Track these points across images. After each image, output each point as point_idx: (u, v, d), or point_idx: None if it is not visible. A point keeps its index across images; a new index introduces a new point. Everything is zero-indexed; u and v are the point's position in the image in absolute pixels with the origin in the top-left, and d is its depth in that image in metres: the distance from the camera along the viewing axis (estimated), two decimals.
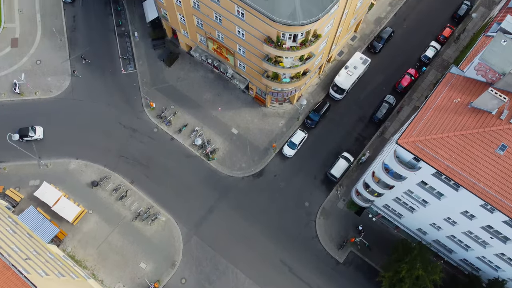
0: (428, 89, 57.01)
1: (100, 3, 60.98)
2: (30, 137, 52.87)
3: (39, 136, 53.36)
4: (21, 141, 52.88)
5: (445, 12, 61.30)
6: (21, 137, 52.67)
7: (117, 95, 56.57)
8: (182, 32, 54.11)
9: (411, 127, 33.35)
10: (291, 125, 55.50)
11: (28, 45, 58.58)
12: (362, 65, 55.53)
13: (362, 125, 55.63)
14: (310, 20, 37.17)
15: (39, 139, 53.68)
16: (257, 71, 49.03)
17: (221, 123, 55.42)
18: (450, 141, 32.14)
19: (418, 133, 32.85)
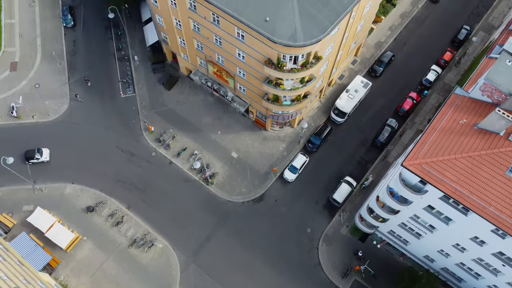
0: (430, 113, 56.34)
1: (101, 27, 61.20)
2: (36, 159, 51.90)
3: (46, 158, 52.41)
4: (27, 164, 51.98)
5: (444, 36, 61.44)
6: (27, 159, 51.87)
7: (115, 118, 55.85)
8: (182, 55, 53.94)
9: (417, 148, 32.30)
10: (292, 149, 54.50)
11: (27, 69, 58.34)
12: (363, 88, 55.08)
13: (364, 149, 54.62)
14: (311, 41, 36.79)
15: (45, 161, 52.67)
16: (258, 94, 48.47)
17: (221, 147, 54.45)
18: (458, 163, 31.01)
19: (424, 155, 31.76)
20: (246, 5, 37.75)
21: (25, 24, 61.23)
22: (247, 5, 37.75)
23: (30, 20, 61.53)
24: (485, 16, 62.97)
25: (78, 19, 61.72)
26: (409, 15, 62.91)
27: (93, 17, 61.82)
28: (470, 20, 62.63)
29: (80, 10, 62.38)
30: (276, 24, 37.09)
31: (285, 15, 37.19)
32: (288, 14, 37.16)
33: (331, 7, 37.87)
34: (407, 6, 63.52)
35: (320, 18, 37.44)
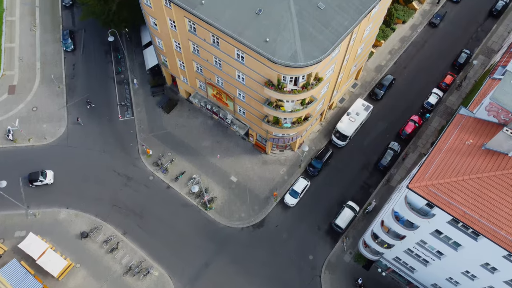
0: (433, 136, 55.45)
1: (101, 51, 61.19)
2: (40, 181, 50.84)
3: (50, 180, 51.37)
4: (31, 187, 50.98)
5: (444, 60, 61.36)
6: (30, 182, 50.83)
7: (113, 142, 54.91)
8: (181, 78, 53.57)
9: (423, 170, 31.16)
10: (293, 173, 53.28)
11: (25, 92, 57.91)
12: (365, 111, 54.43)
13: (366, 172, 53.40)
14: (311, 62, 36.27)
15: (49, 184, 51.52)
16: (257, 116, 47.72)
17: (220, 171, 53.24)
18: (466, 185, 29.80)
19: (431, 177, 30.59)
20: (246, 26, 37.48)
21: (25, 48, 61.31)
22: (247, 26, 37.48)
23: (30, 44, 61.66)
24: (484, 40, 63.12)
25: (78, 43, 61.82)
26: (408, 39, 63.07)
27: (93, 41, 61.94)
28: (469, 44, 62.74)
29: (81, 34, 62.60)
30: (276, 45, 36.69)
31: (285, 36, 36.86)
32: (288, 35, 36.83)
33: (332, 28, 37.58)
34: (406, 31, 63.78)
35: (321, 39, 37.08)
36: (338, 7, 38.46)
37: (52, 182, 51.58)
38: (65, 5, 65.01)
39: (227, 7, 38.28)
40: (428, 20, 64.70)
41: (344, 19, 38.19)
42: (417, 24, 64.51)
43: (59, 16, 64.34)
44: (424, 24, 64.42)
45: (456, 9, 66.10)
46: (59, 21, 63.85)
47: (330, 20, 37.82)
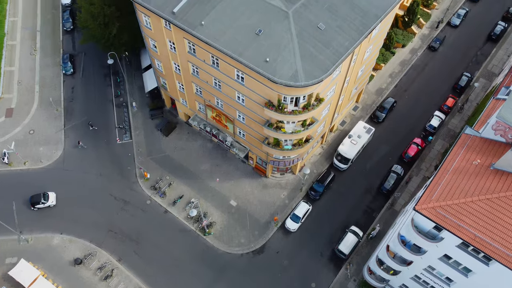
0: (436, 159, 54.44)
1: (100, 74, 61.02)
2: (42, 203, 49.72)
3: (52, 202, 50.26)
4: (33, 210, 49.91)
5: (445, 83, 61.11)
6: (32, 204, 49.71)
7: (110, 165, 53.84)
8: (180, 101, 53.07)
9: (429, 191, 29.98)
10: (294, 197, 51.92)
11: (23, 115, 57.31)
12: (366, 134, 53.63)
13: (369, 196, 52.05)
14: (312, 81, 35.71)
15: (52, 206, 50.35)
16: (258, 138, 46.86)
17: (219, 195, 51.90)
18: (475, 207, 28.55)
19: (438, 198, 29.38)
20: (246, 46, 37.16)
21: (24, 72, 61.20)
22: (247, 46, 37.16)
23: (30, 68, 61.58)
24: (484, 63, 63.10)
25: (78, 67, 61.76)
26: (408, 62, 63.05)
27: (93, 65, 61.90)
28: (470, 67, 62.68)
29: (81, 58, 62.64)
30: (276, 65, 36.24)
31: (285, 56, 36.47)
32: (289, 55, 36.45)
33: (333, 48, 37.24)
34: (406, 54, 63.86)
35: (322, 59, 36.67)
36: (339, 28, 38.28)
37: (54, 204, 50.45)
38: (66, 30, 65.41)
39: (227, 28, 38.11)
40: (428, 44, 64.91)
41: (344, 39, 37.93)
42: (416, 48, 64.68)
43: (59, 40, 64.62)
44: (424, 48, 64.59)
45: (455, 33, 66.46)
46: (59, 45, 64.06)
47: (330, 41, 37.54)
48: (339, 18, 38.69)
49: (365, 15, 39.39)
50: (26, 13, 67.39)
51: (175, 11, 39.20)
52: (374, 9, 39.87)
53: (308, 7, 38.35)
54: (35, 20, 66.77)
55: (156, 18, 42.04)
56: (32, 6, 68.25)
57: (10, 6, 67.86)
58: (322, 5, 38.79)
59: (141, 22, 44.85)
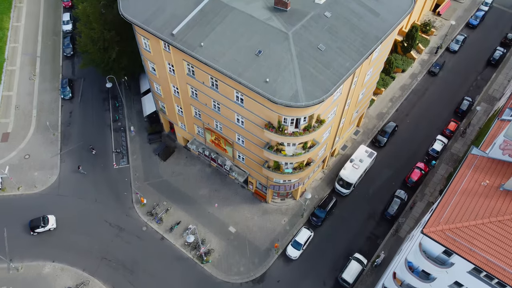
0: (440, 184, 53.15)
1: (99, 99, 60.61)
2: (42, 227, 48.32)
3: (52, 225, 48.88)
4: (32, 235, 48.33)
5: (446, 107, 60.65)
6: (32, 229, 48.24)
7: (106, 190, 52.48)
8: (179, 124, 52.34)
9: (437, 213, 28.66)
10: (295, 223, 50.28)
11: (18, 140, 56.44)
12: (368, 158, 52.58)
13: (373, 222, 50.42)
14: (313, 101, 34.96)
15: (52, 229, 48.86)
16: (257, 162, 45.77)
17: (218, 221, 50.27)
18: (487, 229, 27.17)
19: (447, 220, 28.03)
20: (245, 67, 36.69)
21: (22, 96, 60.87)
22: (246, 67, 36.68)
23: (28, 93, 61.29)
24: (485, 88, 62.91)
25: (77, 91, 61.47)
26: (409, 87, 62.83)
27: (92, 89, 61.65)
28: (470, 92, 62.43)
29: (80, 83, 62.46)
30: (276, 85, 35.63)
31: (285, 77, 35.92)
32: (289, 75, 35.92)
33: (333, 69, 36.76)
34: (406, 79, 63.75)
35: (322, 79, 36.11)
36: (339, 49, 37.95)
37: (55, 227, 49.02)
38: (66, 55, 65.58)
39: (227, 49, 37.77)
40: (427, 69, 64.95)
41: (345, 60, 37.52)
42: (416, 73, 64.66)
43: (59, 65, 64.69)
44: (424, 73, 64.56)
45: (454, 59, 66.67)
46: (59, 70, 64.07)
47: (331, 61, 37.12)
48: (339, 40, 38.45)
49: (365, 37, 39.18)
50: (27, 39, 67.80)
51: (174, 33, 39.02)
52: (374, 30, 39.73)
53: (308, 29, 38.17)
54: (35, 46, 67.08)
55: (155, 40, 41.87)
56: (33, 33, 68.76)
57: (11, 32, 68.38)
58: (322, 27, 38.63)
59: (140, 45, 44.71)
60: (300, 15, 38.95)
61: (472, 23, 70.51)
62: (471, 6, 73.84)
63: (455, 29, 69.94)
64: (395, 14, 41.58)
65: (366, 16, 40.44)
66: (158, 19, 40.44)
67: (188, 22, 39.46)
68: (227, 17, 39.11)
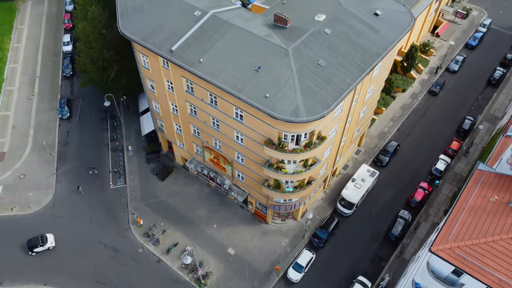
0: (445, 204, 51.86)
1: (97, 119, 60.03)
2: (41, 246, 46.94)
3: (51, 244, 47.55)
4: (31, 255, 46.83)
5: (448, 127, 59.99)
6: (30, 249, 46.82)
7: (102, 211, 51.15)
8: (177, 143, 51.52)
9: (445, 230, 27.44)
10: (296, 244, 48.71)
11: (14, 160, 55.50)
12: (370, 177, 51.50)
13: (377, 244, 48.86)
14: (314, 117, 34.21)
15: (51, 248, 47.43)
16: (257, 180, 44.68)
17: (216, 242, 48.71)
18: (498, 247, 25.90)
19: (455, 238, 26.78)
20: (245, 83, 36.17)
21: (20, 116, 60.35)
22: (246, 83, 36.16)
23: (26, 112, 60.79)
24: (486, 107, 62.47)
25: (75, 111, 60.96)
26: (409, 107, 62.39)
27: (90, 109, 61.19)
28: (472, 111, 61.95)
29: (78, 103, 62.06)
30: (276, 101, 34.99)
31: (285, 92, 35.33)
32: (289, 90, 35.34)
33: (334, 84, 36.24)
34: (407, 99, 63.39)
35: (323, 95, 35.51)
36: (339, 65, 37.56)
37: (54, 246, 47.68)
38: (65, 76, 65.48)
39: (226, 65, 37.37)
40: (428, 89, 64.69)
41: (346, 76, 37.05)
42: (417, 92, 64.36)
43: (58, 85, 64.49)
44: (424, 93, 64.27)
45: (454, 78, 66.54)
46: (57, 90, 63.84)
47: (331, 77, 36.64)
48: (339, 56, 38.12)
49: (365, 53, 38.87)
50: (26, 60, 67.88)
51: (173, 49, 38.72)
52: (375, 47, 39.47)
53: (308, 45, 37.90)
54: (35, 67, 67.10)
55: (154, 58, 41.58)
56: (33, 53, 68.94)
57: (11, 53, 68.57)
58: (322, 43, 38.38)
59: (139, 63, 44.42)
60: (300, 32, 38.81)
61: (471, 44, 70.80)
62: (469, 27, 74.36)
63: (454, 49, 70.15)
64: (395, 31, 41.45)
65: (366, 33, 40.30)
66: (157, 36, 40.27)
67: (188, 38, 39.26)
68: (227, 34, 38.94)
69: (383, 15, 42.21)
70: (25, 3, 77.70)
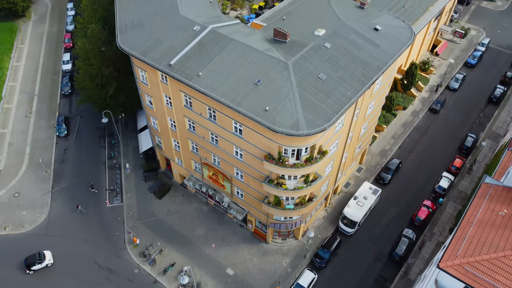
0: (450, 222, 50.52)
1: (95, 136, 59.33)
2: (38, 263, 45.58)
3: (49, 261, 46.24)
4: (28, 273, 45.44)
5: (450, 144, 59.22)
6: (28, 267, 45.39)
7: (97, 230, 49.76)
8: (176, 160, 50.61)
9: (453, 246, 26.24)
10: (297, 265, 47.12)
11: (9, 178, 54.49)
12: (373, 195, 50.37)
13: (380, 264, 47.28)
14: (315, 130, 33.46)
15: (49, 265, 46.05)
16: (257, 197, 43.55)
17: (215, 263, 47.13)
18: (509, 263, 24.64)
19: (465, 253, 25.57)
20: (244, 96, 35.60)
21: (16, 134, 59.71)
22: (245, 96, 35.59)
23: (23, 130, 60.18)
24: (488, 125, 61.88)
25: (73, 129, 60.30)
26: (411, 124, 61.80)
27: (88, 127, 60.58)
28: (474, 129, 61.33)
29: (76, 121, 61.50)
30: (276, 114, 34.32)
31: (285, 105, 34.71)
32: (289, 104, 34.73)
33: (335, 98, 35.66)
34: (407, 116, 62.87)
35: (324, 108, 34.88)
36: (340, 79, 37.11)
37: (52, 263, 46.33)
38: (64, 94, 65.20)
39: (225, 78, 36.91)
40: (429, 107, 64.27)
41: (346, 89, 36.53)
42: (417, 110, 63.91)
43: (56, 104, 64.09)
44: (425, 110, 63.81)
45: (454, 96, 66.23)
46: (56, 108, 63.41)
47: (332, 90, 36.12)
48: (340, 70, 37.72)
49: (366, 67, 38.50)
50: (25, 79, 67.79)
51: (172, 63, 38.36)
52: (375, 61, 39.13)
53: (308, 59, 37.57)
54: (34, 85, 66.95)
55: (152, 72, 41.19)
56: (32, 72, 68.94)
57: (10, 72, 68.53)
58: (322, 57, 38.06)
59: (138, 78, 44.03)
60: (300, 46, 38.58)
61: (470, 63, 70.85)
62: (468, 46, 74.65)
63: (453, 68, 70.16)
64: (396, 46, 41.24)
65: (366, 47, 40.06)
66: (155, 50, 39.99)
67: (187, 53, 38.96)
68: (226, 48, 38.67)
69: (383, 30, 42.12)
70: (26, 23, 78.36)
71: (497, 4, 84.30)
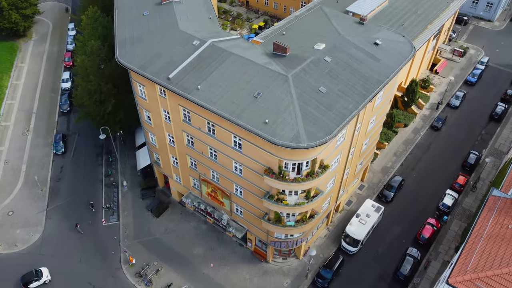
0: (455, 241, 49.10)
1: (92, 154, 58.53)
2: (36, 281, 44.38)
3: (47, 277, 45.10)
4: None
5: (453, 161, 58.35)
6: (25, 285, 44.09)
7: (92, 249, 48.31)
8: (174, 177, 49.63)
9: (463, 260, 25.04)
10: (299, 285, 45.48)
11: (4, 196, 53.43)
12: (375, 213, 49.14)
13: (384, 284, 45.64)
14: (315, 142, 32.67)
15: (47, 282, 44.81)
16: (257, 214, 42.37)
17: (213, 283, 45.49)
18: None
19: (474, 268, 24.36)
20: (243, 109, 34.98)
21: (13, 152, 58.99)
22: (244, 109, 34.98)
23: (20, 148, 59.45)
24: (490, 142, 61.18)
25: (70, 146, 59.54)
26: (412, 141, 61.10)
27: (86, 145, 59.88)
28: (476, 146, 60.59)
29: (74, 138, 60.84)
30: (276, 126, 33.62)
31: (286, 118, 34.06)
32: (290, 116, 34.09)
33: (336, 111, 35.05)
34: (409, 134, 62.24)
35: (325, 121, 34.21)
36: (341, 92, 36.61)
37: (50, 279, 45.13)
38: (62, 112, 64.78)
39: (224, 92, 36.41)
40: (430, 124, 63.73)
41: (348, 102, 35.97)
42: (419, 127, 63.33)
43: (54, 121, 63.59)
44: (426, 128, 63.24)
45: (455, 114, 65.81)
46: (53, 126, 62.85)
47: (333, 103, 35.55)
48: (340, 83, 37.28)
49: (367, 80, 38.07)
50: (24, 97, 67.55)
51: (171, 77, 37.95)
52: (376, 75, 38.73)
53: (308, 72, 37.20)
54: (32, 103, 66.64)
55: (151, 87, 40.76)
56: (31, 90, 68.78)
57: (9, 90, 68.34)
58: (322, 70, 37.70)
59: (136, 93, 43.58)
60: (300, 60, 38.29)
61: (470, 80, 70.77)
62: (467, 65, 74.79)
63: (453, 86, 70.04)
64: (396, 60, 40.94)
65: (366, 61, 39.76)
66: (154, 64, 39.69)
67: (185, 66, 38.63)
68: (225, 62, 38.36)
69: (383, 44, 41.96)
70: (27, 43, 78.78)
71: (494, 24, 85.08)
